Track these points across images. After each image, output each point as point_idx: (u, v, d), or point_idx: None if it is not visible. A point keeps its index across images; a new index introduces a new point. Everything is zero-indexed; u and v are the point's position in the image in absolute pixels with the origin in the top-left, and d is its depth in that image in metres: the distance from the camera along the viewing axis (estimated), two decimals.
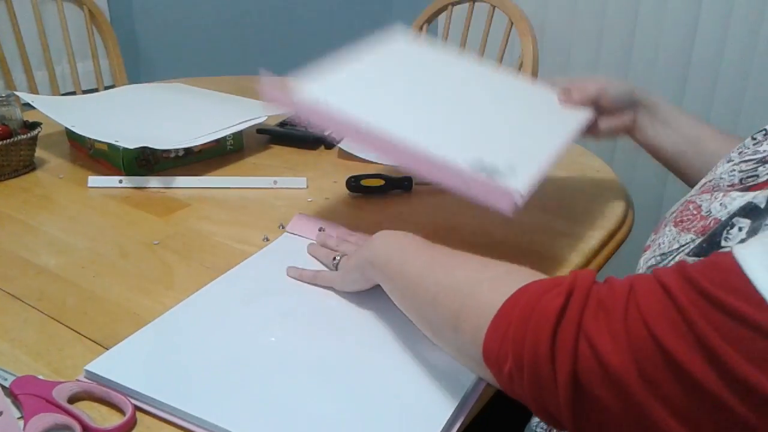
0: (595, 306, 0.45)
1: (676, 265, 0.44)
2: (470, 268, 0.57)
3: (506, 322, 0.48)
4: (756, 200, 0.49)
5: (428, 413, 0.57)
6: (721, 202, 0.54)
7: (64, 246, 0.86)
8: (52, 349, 0.66)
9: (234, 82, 1.56)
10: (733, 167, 0.59)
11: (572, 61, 2.04)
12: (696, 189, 0.65)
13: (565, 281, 0.48)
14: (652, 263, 0.59)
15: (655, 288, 0.43)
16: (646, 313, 0.42)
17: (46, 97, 1.29)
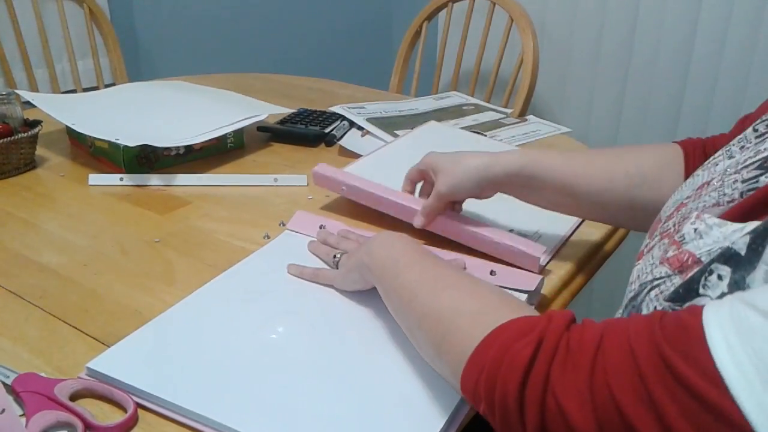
0: (563, 360, 0.45)
1: (647, 320, 0.43)
2: (456, 296, 0.56)
3: (480, 364, 0.49)
4: (736, 246, 0.46)
5: (428, 411, 0.58)
6: (696, 228, 0.52)
7: (66, 244, 0.86)
8: (54, 346, 0.66)
9: (234, 80, 1.56)
10: (735, 176, 0.56)
11: (573, 58, 2.04)
12: (693, 191, 0.60)
13: (538, 326, 0.47)
14: (633, 293, 0.57)
15: (624, 349, 0.42)
16: (611, 375, 0.42)
17: (46, 95, 1.29)
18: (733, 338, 0.38)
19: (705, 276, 0.47)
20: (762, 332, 0.37)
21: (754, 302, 0.39)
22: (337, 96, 1.53)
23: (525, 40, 1.76)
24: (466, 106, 1.44)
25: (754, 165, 0.54)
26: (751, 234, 0.46)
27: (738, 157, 0.58)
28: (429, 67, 2.06)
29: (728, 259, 0.46)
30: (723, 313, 0.40)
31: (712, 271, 0.47)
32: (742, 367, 0.37)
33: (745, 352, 0.37)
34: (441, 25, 2.04)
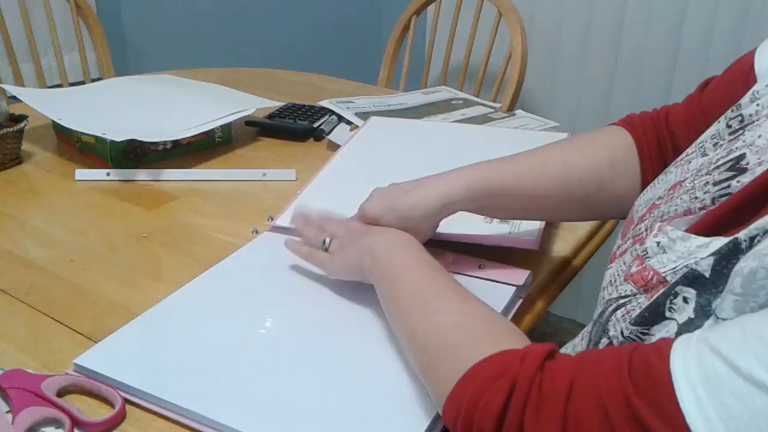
0: (535, 407, 0.45)
1: (616, 364, 0.43)
2: (443, 323, 0.56)
3: (458, 404, 0.49)
4: (700, 268, 0.45)
5: (418, 403, 0.58)
6: (659, 241, 0.51)
7: (52, 239, 0.85)
8: (41, 342, 0.66)
9: (222, 74, 1.55)
10: (707, 177, 0.54)
11: (561, 52, 2.05)
12: (665, 192, 0.59)
13: (512, 368, 0.47)
14: (600, 309, 0.57)
15: (594, 399, 0.42)
16: (582, 426, 0.42)
17: (32, 90, 1.28)
18: (701, 391, 0.38)
19: (670, 299, 0.47)
20: (729, 385, 0.37)
21: (719, 349, 0.39)
22: (326, 90, 1.53)
23: (513, 35, 1.76)
24: (455, 101, 1.44)
25: (725, 166, 0.52)
26: (715, 256, 0.45)
27: (711, 155, 0.56)
28: (418, 61, 2.05)
29: (692, 281, 0.46)
30: (690, 359, 0.39)
31: (677, 294, 0.46)
32: (712, 424, 0.37)
33: (713, 407, 0.37)
34: (430, 20, 2.03)
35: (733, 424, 0.36)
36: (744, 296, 0.41)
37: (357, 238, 0.71)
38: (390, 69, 1.97)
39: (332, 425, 0.55)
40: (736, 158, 0.52)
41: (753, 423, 0.36)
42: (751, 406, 0.36)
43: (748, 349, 0.37)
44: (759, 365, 0.36)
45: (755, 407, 0.36)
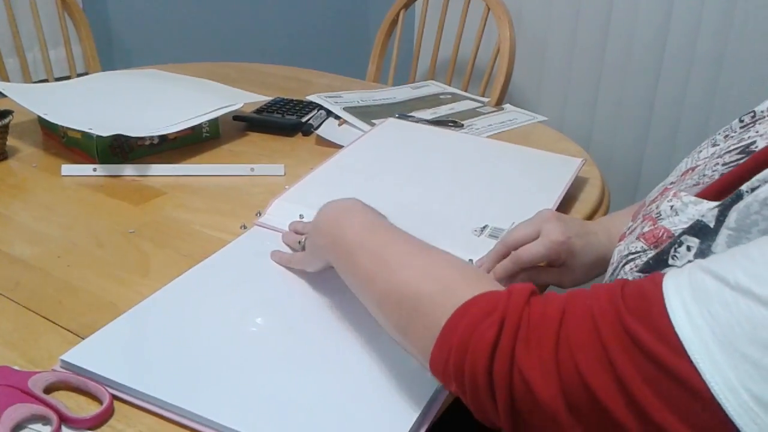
0: (526, 336, 0.45)
1: (609, 290, 0.44)
2: (413, 277, 0.54)
3: (447, 348, 0.49)
4: (705, 219, 0.48)
5: (406, 398, 0.58)
6: (672, 205, 0.54)
7: (39, 235, 0.85)
8: (28, 339, 0.66)
9: (209, 69, 1.55)
10: (716, 161, 0.57)
11: (549, 47, 2.05)
12: (676, 175, 0.63)
13: (500, 304, 0.47)
14: (614, 264, 0.58)
15: (586, 320, 0.43)
16: (574, 346, 0.43)
17: (17, 85, 1.27)
18: (691, 304, 0.39)
19: (675, 247, 0.49)
20: (718, 296, 0.39)
21: (710, 268, 0.41)
22: (314, 85, 1.52)
23: (502, 29, 1.77)
24: (443, 95, 1.44)
25: (736, 150, 0.55)
26: (720, 207, 0.47)
27: (722, 145, 0.59)
28: (406, 55, 2.05)
29: (698, 231, 0.48)
30: (682, 279, 0.41)
31: (682, 243, 0.49)
32: (700, 331, 0.38)
33: (702, 317, 0.39)
34: (418, 14, 2.03)
35: (719, 330, 0.38)
36: (737, 231, 0.44)
37: (311, 223, 0.69)
38: (378, 63, 1.97)
39: (320, 420, 0.55)
40: (747, 144, 0.55)
41: (738, 326, 0.37)
42: (736, 312, 0.38)
43: (736, 265, 0.39)
44: (745, 275, 0.38)
45: (740, 313, 0.37)
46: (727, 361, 0.37)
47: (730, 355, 0.37)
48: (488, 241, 0.81)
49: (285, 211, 0.88)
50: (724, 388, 0.37)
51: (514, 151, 1.08)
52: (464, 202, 0.90)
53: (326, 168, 1.00)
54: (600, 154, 2.00)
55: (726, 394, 0.37)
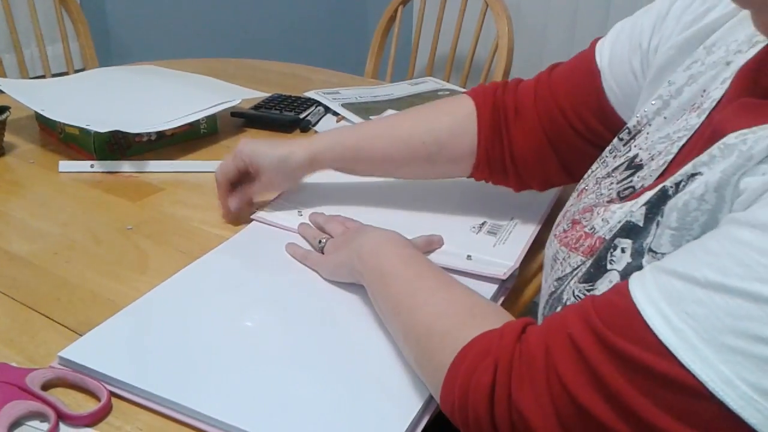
0: (519, 374, 0.46)
1: (581, 312, 0.45)
2: (430, 314, 0.57)
3: (452, 392, 0.51)
4: (633, 218, 0.50)
5: (406, 393, 0.58)
6: (603, 217, 0.55)
7: (36, 232, 0.85)
8: (25, 336, 0.65)
9: (207, 65, 1.54)
10: (609, 179, 0.61)
11: (547, 42, 2.05)
12: (574, 199, 0.65)
13: (493, 347, 0.49)
14: (551, 289, 0.60)
15: (568, 347, 0.44)
16: (563, 375, 0.44)
17: (14, 81, 1.27)
18: (666, 308, 0.40)
19: (610, 252, 0.51)
20: (690, 296, 0.39)
21: (673, 269, 0.41)
22: (312, 81, 1.52)
23: (500, 25, 1.76)
24: (441, 92, 1.43)
25: (623, 166, 0.60)
26: (647, 205, 0.49)
27: (610, 163, 0.63)
28: (404, 52, 2.05)
29: (629, 231, 0.50)
30: (649, 287, 0.42)
31: (616, 246, 0.50)
32: (683, 333, 0.39)
33: (680, 319, 0.39)
34: (416, 10, 2.03)
35: (701, 328, 0.38)
36: (680, 230, 0.46)
37: (348, 240, 0.72)
38: (376, 60, 1.96)
39: (319, 416, 0.55)
40: (630, 158, 0.59)
41: (718, 321, 0.38)
42: (713, 307, 0.38)
43: (699, 261, 0.40)
44: (712, 271, 0.39)
45: (717, 307, 0.38)
46: (716, 356, 0.37)
47: (718, 350, 0.37)
48: (487, 237, 0.81)
49: (283, 207, 0.88)
50: (721, 384, 0.37)
51: None
52: (462, 198, 0.90)
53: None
54: None
55: (724, 389, 0.37)
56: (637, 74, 0.67)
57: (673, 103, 0.59)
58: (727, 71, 0.54)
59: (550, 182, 0.81)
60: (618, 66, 0.69)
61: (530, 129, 0.76)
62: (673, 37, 0.62)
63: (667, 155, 0.55)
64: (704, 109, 0.54)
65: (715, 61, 0.56)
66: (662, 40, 0.64)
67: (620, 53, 0.69)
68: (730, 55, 0.55)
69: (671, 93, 0.59)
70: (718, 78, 0.55)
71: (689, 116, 0.56)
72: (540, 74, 0.79)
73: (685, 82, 0.58)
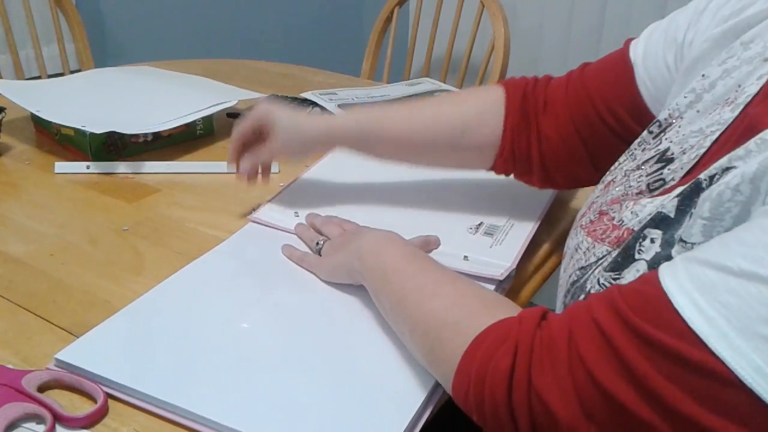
0: (540, 359, 0.46)
1: (607, 298, 0.45)
2: (440, 305, 0.57)
3: (466, 378, 0.50)
4: (665, 209, 0.50)
5: (401, 397, 0.58)
6: (632, 210, 0.55)
7: (32, 233, 0.84)
8: (21, 337, 0.65)
9: (203, 66, 1.54)
10: (639, 171, 0.60)
11: (543, 43, 2.05)
12: (601, 191, 0.65)
13: (512, 332, 0.49)
14: (573, 279, 0.59)
15: (593, 331, 0.44)
16: (587, 360, 0.43)
17: (10, 82, 1.27)
18: (698, 297, 0.40)
19: (639, 242, 0.50)
20: (723, 285, 0.39)
21: (706, 259, 0.41)
22: (309, 82, 1.52)
23: (496, 26, 1.77)
24: (437, 93, 1.43)
25: (654, 159, 0.59)
26: (679, 197, 0.49)
27: (639, 156, 0.62)
28: (401, 53, 2.05)
29: (659, 222, 0.49)
30: (680, 276, 0.41)
31: (645, 236, 0.50)
32: (714, 322, 0.39)
33: (713, 308, 0.39)
34: (412, 11, 2.03)
35: (734, 317, 0.38)
36: (711, 220, 0.45)
37: (346, 242, 0.72)
38: (373, 60, 1.96)
39: (317, 417, 0.55)
40: (661, 152, 0.58)
41: (752, 311, 0.38)
42: (746, 297, 0.38)
43: (733, 252, 0.40)
44: (746, 261, 0.39)
45: (750, 297, 0.38)
46: (748, 345, 0.37)
47: (750, 338, 0.37)
48: (483, 238, 0.81)
49: (280, 208, 0.88)
50: (752, 372, 0.37)
51: None
52: (459, 199, 0.90)
53: (321, 167, 1.00)
54: None
55: (755, 377, 0.37)
56: (671, 68, 0.66)
57: (706, 96, 0.58)
58: (764, 68, 0.53)
59: (576, 178, 0.79)
60: (652, 60, 0.68)
61: (561, 122, 0.75)
62: (709, 31, 0.61)
63: (700, 149, 0.54)
64: (738, 103, 0.53)
65: (751, 56, 0.55)
66: (698, 34, 0.63)
67: (654, 48, 0.68)
68: (767, 52, 0.54)
69: (704, 87, 0.58)
70: (754, 74, 0.54)
71: (722, 110, 0.55)
72: (571, 71, 0.78)
73: (719, 76, 0.57)
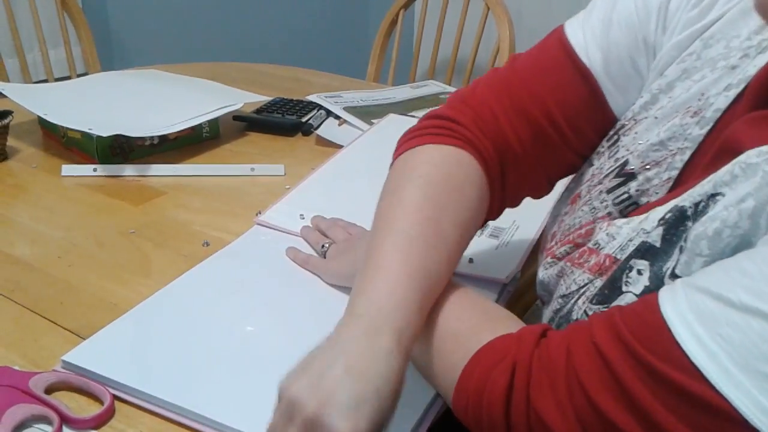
0: (539, 378, 0.45)
1: (608, 321, 0.43)
2: (443, 317, 0.55)
3: (465, 394, 0.50)
4: (650, 239, 0.48)
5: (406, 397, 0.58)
6: (607, 232, 0.53)
7: (39, 236, 0.85)
8: (28, 339, 0.66)
9: (209, 69, 1.55)
10: (599, 186, 0.57)
11: None
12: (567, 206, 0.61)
13: (510, 350, 0.48)
14: (555, 306, 0.57)
15: (592, 353, 0.43)
16: (586, 382, 0.43)
17: (17, 85, 1.27)
18: (699, 329, 0.38)
19: (626, 273, 0.49)
20: (724, 318, 0.38)
21: (706, 288, 0.39)
22: (314, 85, 1.52)
23: (501, 29, 1.77)
24: (443, 95, 1.44)
25: (613, 173, 0.56)
26: (663, 225, 0.47)
27: (596, 164, 0.60)
28: (406, 55, 2.05)
29: (645, 253, 0.48)
30: (681, 305, 0.40)
31: (632, 267, 0.48)
32: (716, 357, 0.37)
33: (714, 342, 0.38)
34: (417, 13, 2.03)
35: (736, 353, 0.37)
36: (712, 257, 0.43)
37: (352, 246, 0.72)
38: (378, 63, 1.97)
39: None
40: (620, 165, 0.56)
41: (754, 347, 0.36)
42: (749, 332, 0.37)
43: (734, 283, 0.38)
44: (748, 294, 0.37)
45: (753, 333, 0.37)
46: (751, 382, 0.36)
47: (753, 376, 0.36)
48: (489, 241, 0.81)
49: (286, 211, 0.88)
50: (755, 411, 0.36)
51: None
52: None
53: (327, 169, 1.00)
54: None
55: (757, 415, 0.36)
56: (643, 73, 0.58)
57: (663, 99, 0.54)
58: (731, 76, 0.50)
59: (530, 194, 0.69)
60: (617, 67, 0.58)
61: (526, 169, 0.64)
62: (675, 36, 0.55)
63: (671, 170, 0.52)
64: (707, 118, 0.51)
65: (713, 57, 0.52)
66: (667, 35, 0.56)
67: (617, 54, 0.58)
68: (733, 56, 0.50)
69: (661, 87, 0.55)
70: (719, 83, 0.51)
71: (684, 121, 0.52)
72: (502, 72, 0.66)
73: (677, 77, 0.54)
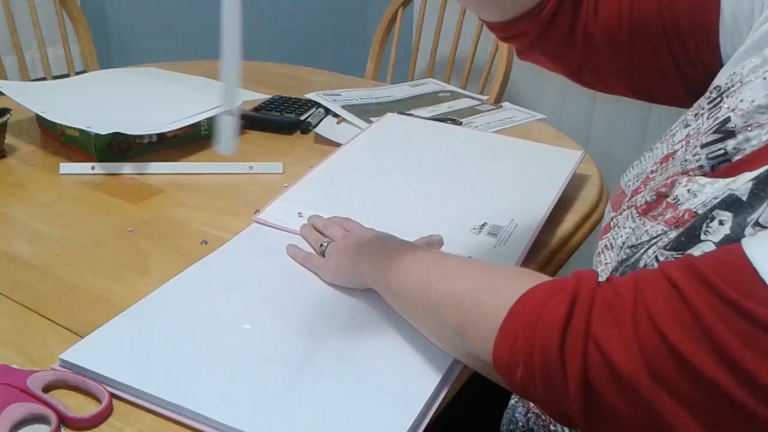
0: (602, 310, 0.44)
1: (684, 261, 0.43)
2: (470, 277, 0.56)
3: (514, 331, 0.48)
4: (738, 192, 0.47)
5: (404, 397, 0.58)
6: (689, 189, 0.52)
7: (37, 234, 0.85)
8: (26, 338, 0.65)
9: (208, 67, 1.54)
10: (696, 141, 0.56)
11: None
12: (656, 165, 0.61)
13: (568, 285, 0.47)
14: (622, 256, 0.57)
15: (665, 287, 0.42)
16: (656, 314, 0.41)
17: (15, 83, 1.27)
18: None
19: (706, 222, 0.48)
20: None
21: None
22: (313, 83, 1.52)
23: None
24: (441, 93, 1.44)
25: (711, 129, 0.54)
26: (754, 180, 0.46)
27: (693, 125, 0.59)
28: (405, 53, 2.05)
29: (729, 204, 0.47)
30: (766, 244, 0.40)
31: (714, 218, 0.47)
32: None
33: None
34: (416, 12, 2.03)
35: None
36: None
37: (351, 244, 0.72)
38: (377, 61, 1.96)
39: (319, 418, 0.55)
40: (721, 122, 0.53)
41: None
42: None
43: None
44: None
45: None
46: None
47: None
48: (487, 239, 0.81)
49: (284, 208, 0.88)
50: None
51: (513, 145, 1.08)
52: (463, 200, 0.90)
53: (325, 167, 1.00)
54: (599, 152, 2.00)
55: None
56: (755, 11, 0.57)
57: None
58: None
59: (605, 81, 0.70)
60: None
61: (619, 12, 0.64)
62: None
63: None
64: None
65: None
66: None
67: None
68: None
69: None
70: None
71: None
72: None
73: None
